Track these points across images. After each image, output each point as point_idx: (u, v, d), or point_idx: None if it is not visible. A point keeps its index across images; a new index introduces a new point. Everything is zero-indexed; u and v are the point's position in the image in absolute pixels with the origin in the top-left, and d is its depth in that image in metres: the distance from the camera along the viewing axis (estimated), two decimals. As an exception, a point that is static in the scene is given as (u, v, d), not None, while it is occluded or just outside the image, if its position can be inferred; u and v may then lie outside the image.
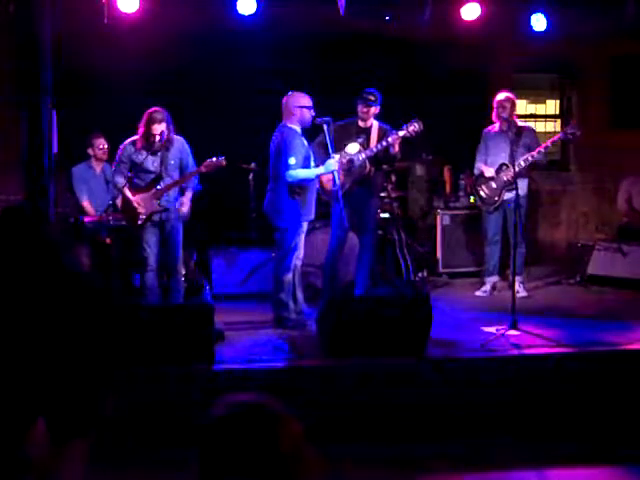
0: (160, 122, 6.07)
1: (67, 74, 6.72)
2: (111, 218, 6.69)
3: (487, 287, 7.58)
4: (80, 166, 7.56)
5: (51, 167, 5.05)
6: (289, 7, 7.25)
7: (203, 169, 6.25)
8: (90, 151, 7.48)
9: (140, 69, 7.32)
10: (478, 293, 7.62)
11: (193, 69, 7.79)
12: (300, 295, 6.49)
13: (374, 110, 6.66)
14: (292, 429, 1.75)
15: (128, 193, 6.27)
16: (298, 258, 6.45)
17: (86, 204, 7.41)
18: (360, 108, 6.66)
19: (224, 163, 6.26)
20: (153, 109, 6.11)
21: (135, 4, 6.50)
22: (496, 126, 7.39)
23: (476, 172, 7.61)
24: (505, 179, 7.33)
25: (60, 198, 6.95)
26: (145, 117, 6.13)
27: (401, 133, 6.50)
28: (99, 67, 7.30)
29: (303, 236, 6.40)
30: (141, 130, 6.16)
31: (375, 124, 6.70)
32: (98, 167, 7.58)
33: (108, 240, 6.78)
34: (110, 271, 6.72)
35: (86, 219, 7.19)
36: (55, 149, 5.28)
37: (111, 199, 6.68)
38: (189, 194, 6.38)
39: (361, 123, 6.71)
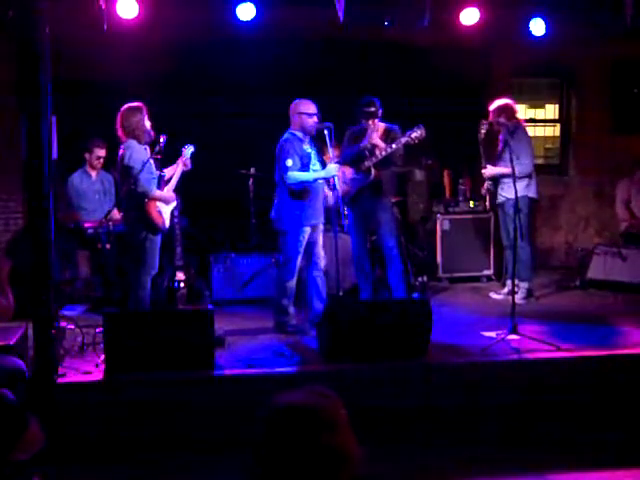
0: None
1: (66, 80, 6.73)
2: (111, 224, 6.69)
3: (505, 290, 7.54)
4: (76, 174, 7.55)
5: (51, 173, 5.03)
6: (288, 13, 7.26)
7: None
8: (87, 155, 7.50)
9: (139, 75, 7.32)
10: (493, 295, 7.62)
11: (192, 75, 7.79)
12: (317, 304, 6.32)
13: (378, 120, 6.73)
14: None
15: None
16: (317, 269, 6.39)
17: (76, 213, 7.41)
18: (364, 122, 6.71)
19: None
20: None
21: (134, 10, 6.51)
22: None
23: None
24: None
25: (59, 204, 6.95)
26: None
27: (404, 140, 6.55)
28: (98, 73, 7.30)
29: (307, 240, 6.30)
30: None
31: (381, 126, 6.73)
32: (93, 173, 7.58)
33: (108, 246, 6.78)
34: (110, 277, 6.72)
35: (86, 225, 7.19)
36: (55, 155, 5.26)
37: (112, 206, 6.66)
38: None
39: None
